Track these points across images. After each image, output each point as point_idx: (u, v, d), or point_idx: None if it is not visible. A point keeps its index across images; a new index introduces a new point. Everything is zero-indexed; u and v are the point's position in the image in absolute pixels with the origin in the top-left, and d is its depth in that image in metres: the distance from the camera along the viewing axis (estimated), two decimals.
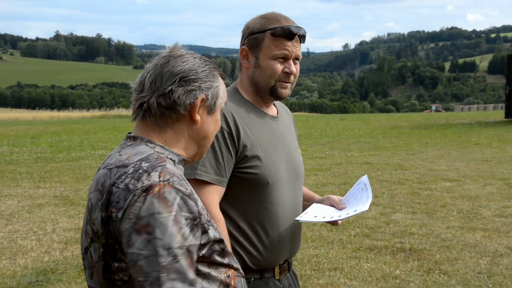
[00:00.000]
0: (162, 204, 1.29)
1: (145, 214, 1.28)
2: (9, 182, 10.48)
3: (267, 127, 2.05)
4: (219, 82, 1.54)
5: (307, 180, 9.91)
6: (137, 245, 1.28)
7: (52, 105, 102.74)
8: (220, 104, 1.54)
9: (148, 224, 1.27)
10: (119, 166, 1.39)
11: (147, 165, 1.35)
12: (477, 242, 5.81)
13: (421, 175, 10.09)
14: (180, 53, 1.51)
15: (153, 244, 1.26)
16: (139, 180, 1.31)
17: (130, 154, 1.42)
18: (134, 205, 1.29)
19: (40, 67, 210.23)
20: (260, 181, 1.96)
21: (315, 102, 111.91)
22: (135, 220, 1.28)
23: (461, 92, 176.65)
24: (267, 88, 2.02)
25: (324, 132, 22.08)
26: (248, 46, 2.01)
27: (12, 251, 5.90)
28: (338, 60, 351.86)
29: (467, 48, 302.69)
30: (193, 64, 1.48)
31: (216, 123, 1.57)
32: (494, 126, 21.84)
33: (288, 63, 2.00)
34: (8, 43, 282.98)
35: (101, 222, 1.35)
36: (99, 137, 21.80)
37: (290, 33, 1.96)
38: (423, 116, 36.44)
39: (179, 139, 1.50)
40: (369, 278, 4.86)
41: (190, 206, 1.33)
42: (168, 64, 1.47)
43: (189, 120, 1.48)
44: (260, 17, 2.02)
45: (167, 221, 1.28)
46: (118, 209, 1.31)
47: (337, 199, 2.21)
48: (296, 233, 2.12)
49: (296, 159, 2.16)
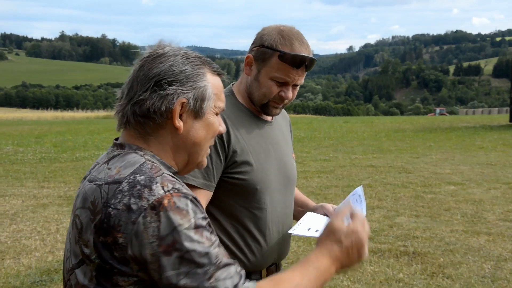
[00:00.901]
0: (179, 215, 1.19)
1: (166, 232, 1.18)
2: (13, 182, 10.51)
3: (259, 132, 2.03)
4: (206, 82, 1.36)
5: (311, 182, 9.91)
6: (172, 266, 1.18)
7: (57, 105, 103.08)
8: (209, 106, 1.37)
9: (175, 242, 1.18)
10: (110, 182, 1.26)
11: (143, 178, 1.23)
12: (481, 246, 5.79)
13: (425, 179, 10.07)
14: (162, 52, 1.36)
15: (188, 258, 1.19)
16: (141, 198, 1.20)
17: (120, 167, 1.29)
18: (149, 227, 1.18)
19: (45, 67, 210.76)
20: (249, 187, 1.94)
21: (319, 105, 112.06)
22: (158, 242, 1.18)
23: (465, 95, 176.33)
24: (259, 103, 2.00)
25: (328, 134, 22.07)
26: (255, 56, 1.97)
27: (16, 251, 5.91)
28: (342, 63, 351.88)
29: (472, 51, 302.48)
30: (171, 64, 1.33)
31: (209, 127, 1.40)
32: (498, 130, 21.80)
33: (286, 88, 1.96)
34: (13, 43, 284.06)
35: (94, 247, 1.23)
36: (103, 137, 21.84)
37: (298, 62, 1.92)
38: (427, 119, 36.40)
39: (165, 148, 1.37)
40: (372, 281, 4.85)
41: (200, 206, 1.27)
42: (144, 67, 1.34)
43: (172, 127, 1.34)
44: (277, 31, 1.95)
45: (190, 229, 1.20)
46: (126, 234, 1.19)
47: (331, 208, 2.19)
48: (285, 238, 2.10)
49: (288, 164, 2.13)
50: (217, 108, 1.40)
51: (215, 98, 1.39)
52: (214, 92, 1.38)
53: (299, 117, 55.57)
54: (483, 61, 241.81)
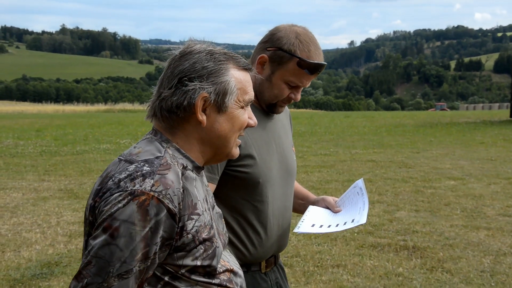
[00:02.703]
0: (140, 215, 1.25)
1: (119, 217, 1.25)
2: (14, 175, 10.52)
3: (261, 125, 2.04)
4: (228, 77, 1.41)
5: (311, 176, 9.92)
6: (98, 242, 1.25)
7: (57, 98, 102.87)
8: (232, 100, 1.41)
9: (117, 229, 1.24)
10: (127, 160, 1.36)
11: (147, 169, 1.31)
12: (481, 240, 5.80)
13: (425, 173, 10.08)
14: (189, 50, 1.42)
15: (111, 250, 1.24)
16: (132, 182, 1.28)
17: (142, 150, 1.39)
18: (115, 204, 1.26)
19: (45, 61, 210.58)
20: (251, 180, 1.96)
21: (320, 99, 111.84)
22: (108, 218, 1.25)
23: (466, 91, 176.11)
24: (267, 102, 2.04)
25: (328, 129, 22.07)
26: (270, 57, 1.98)
27: (16, 244, 5.92)
28: (343, 57, 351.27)
29: (473, 47, 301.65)
30: (194, 61, 1.39)
31: (234, 120, 1.44)
32: (499, 125, 21.79)
33: (296, 90, 2.02)
34: (14, 36, 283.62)
35: (89, 210, 1.35)
36: (103, 131, 21.86)
37: (315, 69, 1.96)
38: (428, 114, 36.39)
39: (191, 141, 1.43)
40: (372, 275, 4.86)
41: (171, 226, 1.29)
42: (171, 66, 1.42)
43: (196, 121, 1.41)
44: (294, 34, 1.96)
45: (136, 235, 1.24)
46: (102, 200, 1.30)
47: (333, 201, 2.22)
48: (284, 230, 2.13)
49: (289, 158, 2.15)
50: (242, 102, 1.45)
51: (239, 92, 1.43)
52: (238, 87, 1.43)
53: (300, 111, 55.55)
54: (484, 57, 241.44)
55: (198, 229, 1.36)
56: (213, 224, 1.44)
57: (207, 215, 1.42)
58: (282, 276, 2.20)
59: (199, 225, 1.36)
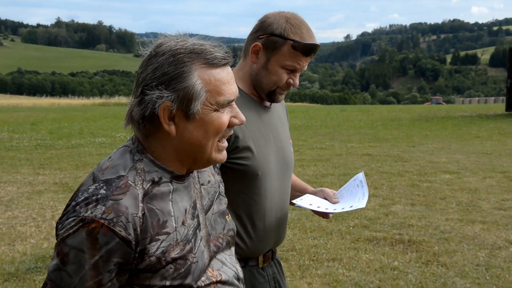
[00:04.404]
0: (90, 244, 1.20)
1: (69, 243, 1.22)
2: (8, 169, 10.48)
3: (259, 117, 2.04)
4: (192, 80, 1.28)
5: (307, 170, 9.92)
6: (52, 264, 1.24)
7: (53, 92, 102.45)
8: (197, 105, 1.29)
9: (67, 255, 1.22)
10: (95, 176, 1.31)
11: (102, 194, 1.24)
12: (476, 234, 5.81)
13: (421, 167, 10.09)
14: (155, 52, 1.30)
15: (61, 275, 1.22)
16: (86, 207, 1.22)
17: (112, 163, 1.33)
18: (68, 229, 1.22)
19: (41, 54, 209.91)
20: (250, 172, 1.95)
21: (316, 93, 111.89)
22: (61, 243, 1.23)
23: (462, 84, 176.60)
24: (266, 90, 2.02)
25: (324, 123, 22.06)
26: (264, 44, 1.97)
27: (11, 237, 5.90)
28: (339, 51, 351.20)
29: (469, 40, 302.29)
30: (156, 67, 1.28)
31: (207, 126, 1.31)
32: (494, 119, 21.83)
33: (294, 75, 2.01)
34: (9, 29, 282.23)
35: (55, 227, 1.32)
36: (99, 124, 21.79)
37: (310, 50, 1.96)
38: (423, 108, 36.41)
39: (166, 150, 1.34)
40: (367, 269, 4.86)
41: (126, 253, 1.24)
42: (138, 71, 1.33)
43: (166, 130, 1.31)
44: (284, 19, 1.96)
45: (86, 263, 1.21)
46: (61, 222, 1.27)
47: (331, 192, 2.21)
48: (282, 224, 2.12)
49: (287, 150, 2.14)
50: (214, 104, 1.31)
51: (209, 95, 1.29)
52: (206, 89, 1.29)
53: (296, 105, 55.49)
54: (480, 51, 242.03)
55: (166, 249, 1.29)
56: (194, 237, 1.36)
57: (183, 229, 1.34)
58: (279, 271, 2.19)
59: (166, 245, 1.29)
